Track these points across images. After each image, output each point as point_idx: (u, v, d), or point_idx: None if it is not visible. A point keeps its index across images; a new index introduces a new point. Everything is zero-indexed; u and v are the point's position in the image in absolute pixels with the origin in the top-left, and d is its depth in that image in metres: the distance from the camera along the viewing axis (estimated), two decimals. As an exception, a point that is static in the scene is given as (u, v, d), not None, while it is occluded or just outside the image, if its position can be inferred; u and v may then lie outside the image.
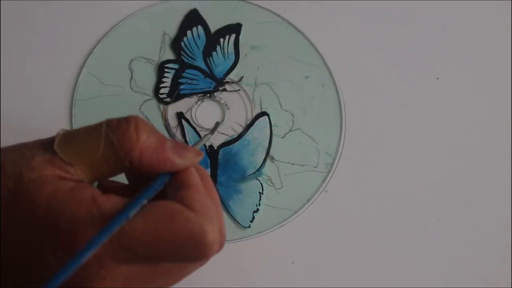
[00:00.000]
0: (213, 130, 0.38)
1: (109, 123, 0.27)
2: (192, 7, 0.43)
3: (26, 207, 0.24)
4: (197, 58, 0.42)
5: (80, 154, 0.26)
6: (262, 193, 0.38)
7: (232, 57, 0.42)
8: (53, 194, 0.25)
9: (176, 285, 0.36)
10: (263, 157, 0.39)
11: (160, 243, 0.25)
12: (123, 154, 0.26)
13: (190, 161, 0.28)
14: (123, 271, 0.25)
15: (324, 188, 0.39)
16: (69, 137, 0.27)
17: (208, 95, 0.41)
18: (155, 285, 0.28)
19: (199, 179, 0.28)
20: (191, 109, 0.41)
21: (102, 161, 0.26)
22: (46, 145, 0.26)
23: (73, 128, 0.39)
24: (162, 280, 0.28)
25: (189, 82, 0.41)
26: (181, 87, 0.41)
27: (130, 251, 0.25)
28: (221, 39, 0.43)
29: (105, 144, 0.26)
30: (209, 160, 0.39)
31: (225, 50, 0.42)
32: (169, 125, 0.40)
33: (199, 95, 0.41)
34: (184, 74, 0.41)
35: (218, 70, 0.42)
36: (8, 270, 0.25)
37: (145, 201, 0.25)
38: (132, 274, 0.25)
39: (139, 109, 0.40)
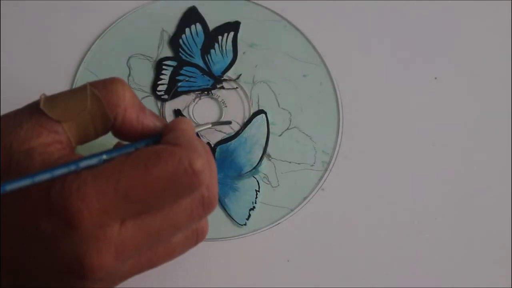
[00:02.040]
0: (216, 123, 0.39)
1: (93, 83, 0.28)
2: (191, 5, 0.43)
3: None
4: (195, 56, 0.42)
5: (67, 111, 0.27)
6: (259, 191, 0.38)
7: (230, 55, 0.42)
8: (42, 166, 0.25)
9: (172, 283, 0.36)
10: (260, 155, 0.39)
11: (153, 182, 0.25)
12: (110, 110, 0.27)
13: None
14: (115, 231, 0.25)
15: (321, 186, 0.39)
16: (54, 98, 0.27)
17: (206, 92, 0.41)
18: (149, 253, 0.28)
19: (187, 126, 0.29)
20: (188, 106, 0.41)
21: (88, 120, 0.27)
22: (32, 108, 0.27)
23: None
24: (156, 245, 0.28)
25: (186, 79, 0.41)
26: (179, 84, 0.41)
27: (125, 201, 0.25)
28: (219, 37, 0.43)
29: (92, 101, 0.27)
30: (205, 158, 0.39)
31: (223, 48, 0.42)
32: (167, 122, 0.40)
33: (197, 92, 0.41)
34: (182, 72, 0.41)
35: (216, 68, 0.42)
36: (5, 244, 0.25)
37: (104, 156, 0.26)
38: (124, 236, 0.25)
39: (137, 106, 0.40)
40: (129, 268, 0.28)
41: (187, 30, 0.43)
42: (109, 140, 0.30)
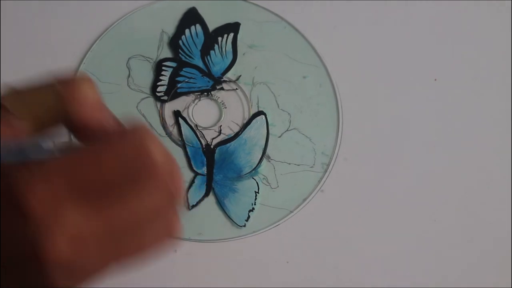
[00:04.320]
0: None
1: (60, 79, 0.27)
2: (191, 6, 0.43)
3: None
4: (195, 57, 0.42)
5: (30, 108, 0.26)
6: (258, 192, 0.38)
7: (230, 56, 0.42)
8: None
9: (172, 283, 0.36)
10: (260, 156, 0.39)
11: (105, 168, 0.24)
12: (72, 109, 0.26)
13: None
14: (69, 221, 0.24)
15: (320, 188, 0.39)
16: (18, 93, 0.27)
17: (206, 93, 0.41)
18: (113, 247, 0.27)
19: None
20: (188, 107, 0.41)
21: (48, 116, 0.26)
22: None
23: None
24: (120, 239, 0.27)
25: (186, 80, 0.41)
26: (179, 85, 0.41)
27: (77, 191, 0.24)
28: (219, 38, 0.43)
29: (56, 100, 0.26)
30: (205, 159, 0.39)
31: (223, 49, 0.42)
32: (166, 123, 0.40)
33: (196, 93, 0.41)
34: (181, 73, 0.41)
35: (216, 69, 0.42)
36: None
37: (49, 145, 0.25)
38: (80, 226, 0.25)
39: (136, 107, 0.40)
40: (92, 263, 0.27)
41: (187, 31, 0.43)
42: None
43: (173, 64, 0.42)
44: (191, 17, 0.43)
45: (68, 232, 0.25)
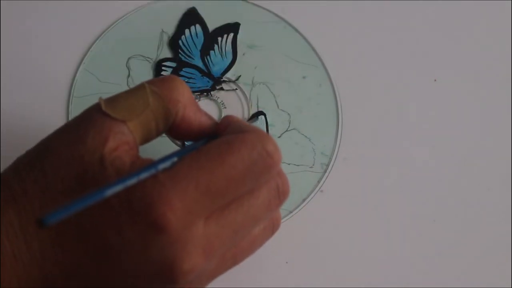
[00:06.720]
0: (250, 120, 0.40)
1: (151, 81, 0.28)
2: (191, 6, 0.43)
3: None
4: (194, 57, 0.42)
5: (130, 110, 0.26)
6: (258, 193, 0.38)
7: (230, 56, 0.42)
8: (117, 175, 0.25)
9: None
10: (259, 156, 0.39)
11: (231, 171, 0.25)
12: (171, 106, 0.27)
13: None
14: (200, 230, 0.25)
15: (320, 188, 0.39)
16: (114, 99, 0.27)
17: (205, 93, 0.41)
18: (233, 249, 0.28)
19: (239, 118, 0.29)
20: (188, 107, 0.41)
21: (151, 117, 0.27)
22: (92, 113, 0.26)
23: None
24: (239, 240, 0.28)
25: (186, 80, 0.41)
26: (178, 85, 0.41)
27: (207, 197, 0.24)
28: (219, 38, 0.43)
29: (153, 98, 0.27)
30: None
31: (223, 49, 0.42)
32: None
33: (196, 93, 0.41)
34: (181, 73, 0.42)
35: (216, 69, 0.42)
36: (91, 257, 0.25)
37: (175, 159, 0.25)
38: (209, 233, 0.25)
39: (136, 107, 0.40)
40: (214, 267, 0.28)
41: (186, 31, 0.43)
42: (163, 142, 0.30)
43: (173, 64, 0.42)
44: (191, 17, 0.43)
45: (201, 244, 0.25)
